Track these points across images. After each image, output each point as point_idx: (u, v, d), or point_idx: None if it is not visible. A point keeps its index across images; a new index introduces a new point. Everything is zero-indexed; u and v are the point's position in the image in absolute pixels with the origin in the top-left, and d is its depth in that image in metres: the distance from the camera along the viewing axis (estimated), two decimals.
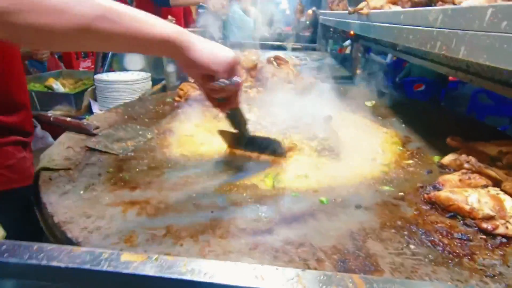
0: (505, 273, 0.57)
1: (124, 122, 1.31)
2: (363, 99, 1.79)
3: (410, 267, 0.59)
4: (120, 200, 0.78)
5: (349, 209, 0.79)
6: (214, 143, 1.16)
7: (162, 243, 0.63)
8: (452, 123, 1.41)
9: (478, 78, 1.21)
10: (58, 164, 0.93)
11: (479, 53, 0.69)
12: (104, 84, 1.86)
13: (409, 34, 1.06)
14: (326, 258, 0.61)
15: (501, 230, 0.66)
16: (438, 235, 0.68)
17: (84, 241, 0.62)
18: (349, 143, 1.20)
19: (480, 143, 0.93)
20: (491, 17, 0.66)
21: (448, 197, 0.75)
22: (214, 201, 0.80)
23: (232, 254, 0.61)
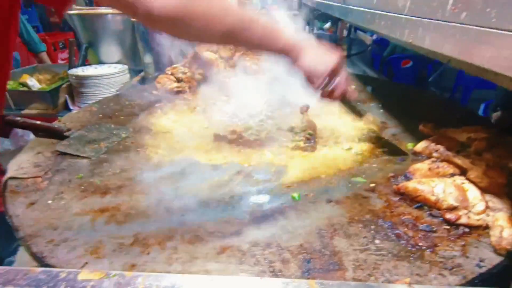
0: (463, 264, 0.59)
1: (98, 121, 1.29)
2: None
3: (372, 264, 0.60)
4: (89, 208, 0.77)
5: (320, 204, 0.80)
6: (190, 140, 1.15)
7: (129, 253, 0.64)
8: (429, 107, 1.41)
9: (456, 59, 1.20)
10: (27, 172, 0.91)
11: (442, 44, 0.68)
12: (79, 80, 1.81)
13: (381, 19, 1.03)
14: (292, 258, 0.62)
15: (463, 220, 0.67)
16: (403, 227, 0.69)
17: (49, 256, 0.62)
18: (326, 133, 1.20)
19: (451, 130, 0.94)
20: (452, 7, 0.64)
21: (415, 188, 0.76)
22: (185, 203, 0.80)
23: (198, 260, 0.62)
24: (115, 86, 1.86)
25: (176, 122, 1.33)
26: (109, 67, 2.01)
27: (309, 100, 1.48)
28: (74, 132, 1.15)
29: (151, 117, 1.36)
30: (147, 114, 1.40)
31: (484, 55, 0.56)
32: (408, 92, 1.62)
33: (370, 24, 1.16)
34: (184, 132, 1.23)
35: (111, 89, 1.85)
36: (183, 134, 1.21)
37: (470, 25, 0.59)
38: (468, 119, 1.15)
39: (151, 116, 1.37)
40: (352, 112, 1.07)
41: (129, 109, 1.44)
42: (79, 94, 1.83)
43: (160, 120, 1.34)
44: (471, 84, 4.56)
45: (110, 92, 1.82)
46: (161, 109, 1.46)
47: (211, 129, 1.22)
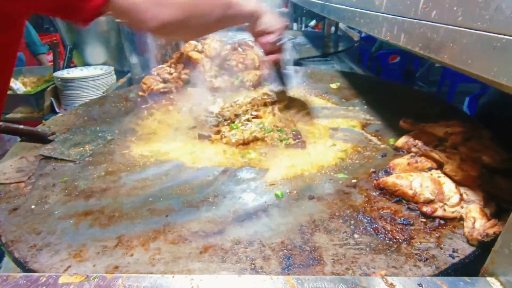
0: (437, 255, 0.61)
1: (83, 124, 1.28)
2: (329, 81, 1.80)
3: (351, 258, 0.62)
4: (73, 212, 0.78)
5: (302, 201, 0.81)
6: (175, 141, 1.16)
7: (113, 255, 0.64)
8: (412, 102, 1.44)
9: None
10: (10, 177, 0.90)
11: (415, 42, 0.70)
12: (65, 82, 1.79)
13: (361, 17, 1.05)
14: (273, 255, 0.63)
15: (439, 212, 0.69)
16: (382, 221, 0.71)
17: (32, 261, 0.62)
18: (310, 130, 1.21)
19: (429, 125, 0.96)
20: (424, 5, 0.66)
21: (394, 183, 0.78)
22: (170, 204, 0.81)
23: (181, 259, 0.63)
24: (101, 88, 1.85)
25: (161, 123, 1.33)
26: (95, 69, 1.99)
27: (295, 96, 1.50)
28: (58, 136, 1.15)
29: (137, 118, 1.36)
30: (133, 115, 1.40)
31: (451, 52, 0.57)
32: (392, 88, 1.65)
33: (351, 22, 1.17)
34: (169, 133, 1.24)
35: (97, 91, 1.84)
36: (169, 135, 1.22)
37: (440, 23, 0.61)
38: (447, 113, 1.18)
39: (136, 117, 1.37)
40: (278, 80, 1.36)
41: (115, 111, 1.44)
42: (64, 97, 1.82)
43: (146, 121, 1.34)
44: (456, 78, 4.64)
45: (96, 94, 1.81)
46: (147, 110, 1.46)
47: (196, 130, 1.23)
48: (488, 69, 0.48)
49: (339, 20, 1.40)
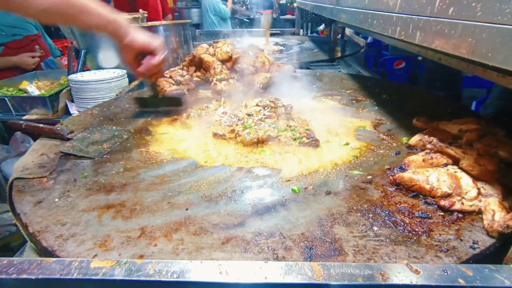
0: (457, 246, 0.62)
1: (99, 124, 1.31)
2: (339, 83, 1.82)
3: (372, 248, 0.63)
4: (95, 205, 0.79)
5: (319, 196, 0.82)
6: (190, 139, 1.18)
7: (137, 245, 0.66)
8: (422, 103, 1.45)
9: (445, 56, 1.25)
10: (32, 172, 0.93)
11: (431, 39, 0.72)
12: (79, 85, 1.83)
13: (373, 19, 1.07)
14: (294, 246, 0.64)
15: (457, 206, 0.70)
16: (400, 215, 0.72)
17: (59, 249, 0.64)
18: (323, 130, 1.23)
19: (443, 123, 0.97)
20: (440, 3, 0.68)
21: (410, 178, 0.79)
22: (189, 199, 0.82)
23: (204, 250, 0.64)
24: (114, 90, 1.88)
25: (175, 124, 1.35)
26: (108, 72, 2.03)
27: (307, 98, 1.52)
28: (76, 134, 1.17)
29: (151, 119, 1.39)
30: (147, 116, 1.42)
31: (470, 47, 0.59)
32: (401, 89, 1.66)
33: (363, 23, 1.20)
34: (183, 132, 1.26)
35: (110, 93, 1.87)
36: (183, 134, 1.24)
37: (458, 20, 0.62)
38: (458, 113, 1.18)
39: (151, 118, 1.40)
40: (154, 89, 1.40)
41: (129, 112, 1.46)
42: (78, 99, 1.85)
43: (160, 122, 1.36)
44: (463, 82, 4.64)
45: (110, 96, 1.84)
46: (160, 110, 1.48)
47: (209, 129, 1.25)
48: (510, 61, 0.49)
49: (350, 22, 1.42)
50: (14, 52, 2.47)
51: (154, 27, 1.91)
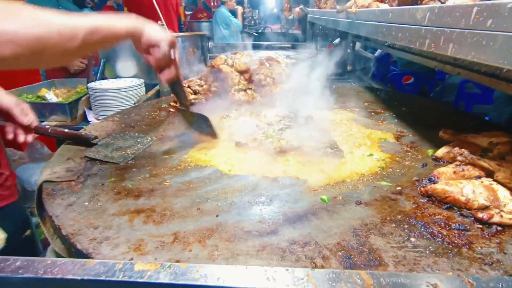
0: (502, 260, 0.60)
1: (121, 130, 1.32)
2: (355, 95, 1.83)
3: (412, 260, 0.61)
4: (125, 209, 0.79)
5: (349, 205, 0.81)
6: (213, 148, 1.18)
7: (171, 250, 0.65)
8: (443, 116, 1.45)
9: (465, 71, 1.25)
10: (60, 176, 0.93)
11: (467, 50, 0.72)
12: (98, 93, 1.86)
13: (398, 32, 1.08)
14: (331, 255, 0.63)
15: (496, 219, 0.69)
16: (436, 226, 0.71)
17: (94, 252, 0.63)
18: (345, 141, 1.23)
19: (471, 135, 0.96)
20: (477, 16, 0.68)
21: (444, 190, 0.78)
22: (218, 205, 0.82)
23: (240, 256, 0.63)
24: (132, 99, 1.91)
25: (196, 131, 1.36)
26: (125, 81, 2.07)
27: (325, 109, 1.53)
28: (100, 140, 1.18)
29: (172, 127, 1.40)
30: (167, 123, 1.44)
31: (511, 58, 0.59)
32: (420, 103, 1.67)
33: (386, 36, 1.21)
34: (206, 140, 1.26)
35: (128, 101, 1.90)
36: (205, 142, 1.24)
37: (497, 31, 0.63)
38: (482, 127, 1.18)
39: (172, 126, 1.41)
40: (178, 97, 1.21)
41: (149, 119, 1.48)
42: (97, 107, 1.88)
43: (179, 130, 1.37)
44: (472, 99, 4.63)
45: (127, 104, 1.86)
46: (180, 118, 1.49)
47: (231, 138, 1.25)
48: None
49: (370, 35, 1.44)
50: None
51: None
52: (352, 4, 1.66)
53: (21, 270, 0.49)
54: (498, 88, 1.10)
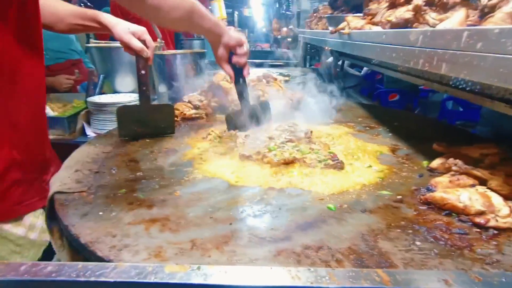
0: (501, 260, 0.65)
1: (124, 144, 1.34)
2: (350, 111, 1.91)
3: (420, 261, 0.65)
4: (140, 219, 0.81)
5: (355, 213, 0.86)
6: (217, 160, 1.21)
7: (191, 256, 0.67)
8: (434, 130, 1.54)
9: (452, 88, 1.35)
10: (71, 187, 0.94)
11: (459, 70, 0.80)
12: (97, 107, 1.87)
13: (392, 52, 1.17)
14: (344, 258, 0.67)
15: (492, 223, 0.74)
16: (438, 231, 0.76)
17: (116, 259, 0.65)
18: (344, 153, 1.28)
19: (464, 147, 1.04)
20: (467, 39, 0.77)
21: (442, 197, 0.84)
22: (230, 214, 0.85)
23: (259, 261, 0.66)
24: None
25: (199, 144, 1.39)
26: (124, 96, 2.09)
27: (322, 124, 1.59)
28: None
29: (176, 141, 1.43)
30: (170, 137, 1.46)
31: (502, 76, 0.67)
32: (412, 118, 1.76)
33: (380, 56, 1.30)
34: (209, 153, 1.30)
35: None
36: (209, 155, 1.27)
37: (487, 53, 0.70)
38: (471, 140, 1.26)
39: (175, 140, 1.44)
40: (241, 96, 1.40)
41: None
42: (96, 121, 1.89)
43: (184, 142, 1.40)
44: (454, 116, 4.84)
45: None
46: (183, 133, 1.53)
47: (234, 151, 1.29)
48: None
49: (364, 55, 1.53)
50: (54, 74, 2.58)
51: (173, 55, 2.01)
52: (345, 26, 1.77)
53: (54, 274, 0.51)
54: (484, 105, 1.20)
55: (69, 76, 2.55)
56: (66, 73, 2.57)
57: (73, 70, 2.64)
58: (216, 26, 1.12)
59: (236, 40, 1.15)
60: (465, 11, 1.01)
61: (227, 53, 1.21)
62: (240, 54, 1.19)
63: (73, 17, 1.37)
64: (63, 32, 1.42)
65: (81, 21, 1.38)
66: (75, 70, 2.65)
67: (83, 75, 2.68)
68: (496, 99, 1.11)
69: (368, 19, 1.64)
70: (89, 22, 1.39)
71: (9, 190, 1.05)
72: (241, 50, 1.18)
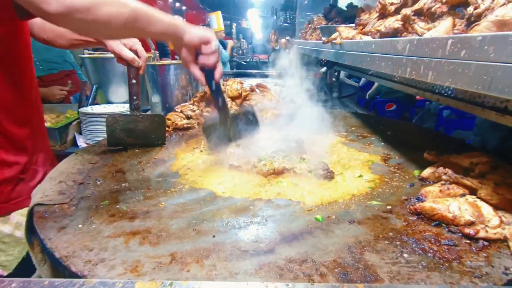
0: (490, 272, 0.63)
1: (112, 154, 1.32)
2: (343, 120, 1.90)
3: (406, 275, 0.63)
4: (120, 231, 0.78)
5: (343, 224, 0.83)
6: (206, 170, 1.19)
7: (169, 270, 0.64)
8: (426, 139, 1.53)
9: (443, 97, 1.35)
10: (53, 199, 0.92)
11: (445, 77, 0.79)
12: (89, 117, 1.86)
13: (381, 61, 1.17)
14: (328, 272, 0.64)
15: (482, 234, 0.72)
16: (427, 242, 0.73)
17: (90, 274, 0.62)
18: (335, 163, 1.27)
19: (454, 156, 1.02)
20: (452, 47, 0.76)
21: (432, 207, 0.82)
22: (214, 226, 0.82)
23: (238, 275, 0.63)
24: None
25: (188, 154, 1.38)
26: (117, 106, 2.08)
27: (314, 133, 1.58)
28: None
29: (166, 151, 1.41)
30: (160, 148, 1.45)
31: (485, 83, 0.66)
32: (404, 127, 1.75)
33: (370, 65, 1.30)
34: (199, 163, 1.28)
35: None
36: (199, 165, 1.25)
37: (470, 61, 0.70)
38: (462, 149, 1.25)
39: (165, 150, 1.42)
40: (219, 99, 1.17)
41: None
42: (87, 131, 1.87)
43: (175, 153, 1.39)
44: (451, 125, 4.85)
45: None
46: (174, 143, 1.51)
47: (224, 160, 1.27)
48: None
49: (354, 64, 1.53)
50: (47, 85, 2.58)
51: (166, 65, 2.01)
52: (337, 36, 1.78)
53: None
54: (474, 113, 1.19)
55: (62, 87, 2.55)
56: (59, 84, 2.57)
57: (66, 81, 2.65)
58: (171, 27, 0.96)
59: (200, 38, 0.98)
60: (451, 20, 1.01)
61: (192, 54, 1.03)
62: (206, 54, 1.01)
63: (71, 33, 1.37)
64: (62, 47, 1.44)
65: (80, 37, 1.40)
66: (68, 81, 2.65)
67: (76, 86, 2.69)
68: (487, 108, 1.10)
69: (359, 29, 1.65)
70: (87, 37, 1.40)
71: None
72: (208, 49, 1.00)
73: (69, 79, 2.70)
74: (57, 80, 2.65)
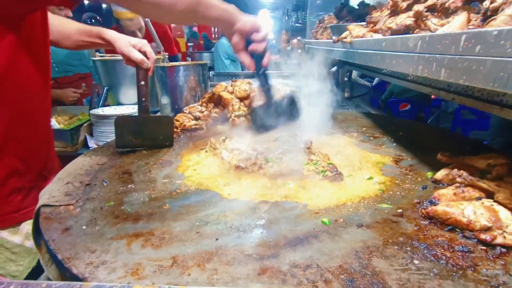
0: (508, 282, 0.59)
1: (120, 156, 1.33)
2: (354, 121, 1.86)
3: (416, 282, 0.60)
4: (123, 233, 0.78)
5: (351, 228, 0.80)
6: (213, 172, 1.18)
7: (170, 274, 0.63)
8: (440, 140, 1.47)
9: (459, 96, 1.29)
10: (59, 200, 0.92)
11: (458, 75, 0.75)
12: (100, 119, 1.89)
13: (392, 59, 1.13)
14: (334, 278, 0.62)
15: (499, 240, 0.68)
16: (440, 248, 0.70)
17: (90, 277, 0.62)
18: (344, 164, 1.23)
19: (469, 157, 0.97)
20: (466, 43, 0.72)
21: (445, 211, 0.78)
22: (217, 229, 0.81)
23: (240, 280, 0.61)
24: None
25: (195, 155, 1.37)
26: (128, 108, 2.11)
27: (325, 134, 1.55)
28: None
29: (173, 152, 1.41)
30: (167, 148, 1.45)
31: (502, 80, 0.62)
32: (417, 127, 1.69)
33: (381, 63, 1.26)
34: (205, 165, 1.27)
35: None
36: (205, 167, 1.24)
37: (486, 57, 0.66)
38: (478, 150, 1.19)
39: (171, 150, 1.42)
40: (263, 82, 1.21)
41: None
42: (98, 133, 1.90)
43: (182, 155, 1.38)
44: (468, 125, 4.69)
45: None
46: (182, 144, 1.51)
47: (230, 162, 1.26)
48: None
49: (365, 63, 1.49)
50: (62, 87, 2.63)
51: (176, 66, 2.01)
52: (347, 35, 1.74)
53: None
54: (492, 112, 1.13)
55: (76, 90, 2.61)
56: (73, 86, 2.63)
57: (80, 84, 2.70)
58: (226, 13, 1.02)
59: (251, 25, 1.03)
60: (466, 15, 0.96)
61: (242, 41, 1.07)
62: (257, 41, 1.06)
63: (79, 34, 1.40)
64: (69, 48, 1.46)
65: (87, 38, 1.42)
66: (82, 83, 2.71)
67: (89, 89, 2.74)
68: (506, 107, 1.05)
69: (370, 27, 1.61)
70: (94, 38, 1.42)
71: (8, 197, 1.06)
72: (258, 36, 1.05)
73: (84, 82, 2.76)
74: (71, 83, 2.70)
